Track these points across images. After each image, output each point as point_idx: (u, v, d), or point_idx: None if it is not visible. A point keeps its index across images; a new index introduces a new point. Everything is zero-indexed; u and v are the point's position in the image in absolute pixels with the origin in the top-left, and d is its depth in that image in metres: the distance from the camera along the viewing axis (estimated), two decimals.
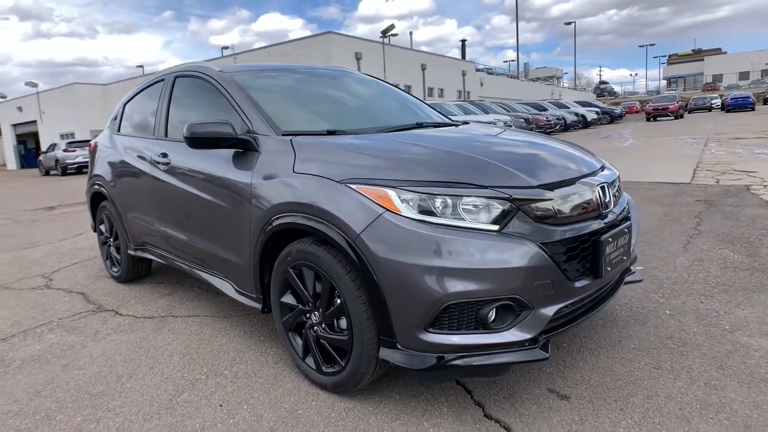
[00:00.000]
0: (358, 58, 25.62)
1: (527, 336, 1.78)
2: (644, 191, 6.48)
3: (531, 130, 20.10)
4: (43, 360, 2.64)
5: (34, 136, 34.87)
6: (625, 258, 2.15)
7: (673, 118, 28.63)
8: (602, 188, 2.08)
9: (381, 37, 28.16)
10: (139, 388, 2.28)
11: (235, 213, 2.42)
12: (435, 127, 2.86)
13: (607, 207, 2.08)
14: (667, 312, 2.78)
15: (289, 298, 2.24)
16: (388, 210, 1.80)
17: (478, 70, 47.22)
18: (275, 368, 2.39)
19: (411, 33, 71.91)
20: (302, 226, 2.04)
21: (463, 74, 38.89)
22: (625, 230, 2.13)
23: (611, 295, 2.23)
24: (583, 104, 31.71)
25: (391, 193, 1.82)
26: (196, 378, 2.35)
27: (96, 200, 4.07)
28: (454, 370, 1.79)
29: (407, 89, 32.34)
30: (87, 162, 23.53)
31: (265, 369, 2.39)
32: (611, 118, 31.56)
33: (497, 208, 1.80)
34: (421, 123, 2.86)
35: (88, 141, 24.72)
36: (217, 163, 2.56)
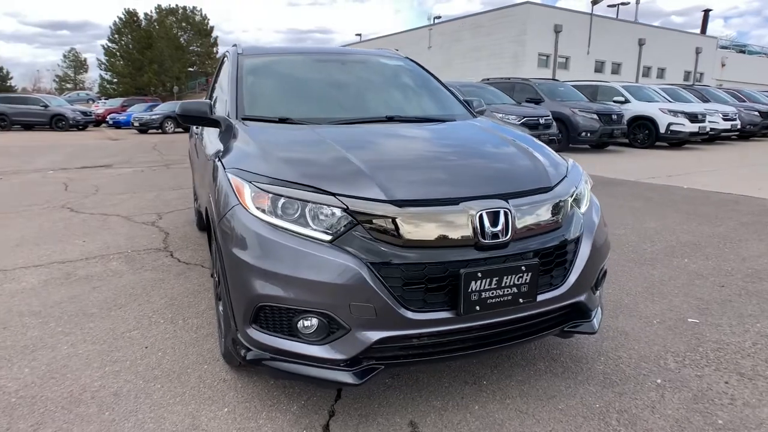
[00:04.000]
0: (557, 30, 23.62)
1: (340, 356, 1.67)
2: None
3: None
4: (90, 279, 3.38)
5: None
6: (521, 300, 1.76)
7: None
8: (489, 214, 1.73)
9: (591, 4, 25.45)
10: (115, 318, 2.78)
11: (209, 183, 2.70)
12: (406, 122, 2.66)
13: (495, 237, 1.73)
14: (658, 381, 2.18)
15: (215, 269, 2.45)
16: (239, 203, 1.84)
17: (722, 47, 39.27)
18: (215, 329, 2.64)
19: (638, 1, 62.74)
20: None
21: (697, 52, 32.81)
22: (523, 268, 1.74)
23: (513, 341, 1.88)
24: None
25: (246, 187, 1.85)
26: (156, 321, 2.74)
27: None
28: (268, 371, 1.79)
29: (616, 67, 28.82)
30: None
31: (207, 327, 2.66)
32: None
33: (335, 218, 1.69)
34: (392, 117, 2.67)
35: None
36: (210, 137, 2.86)
